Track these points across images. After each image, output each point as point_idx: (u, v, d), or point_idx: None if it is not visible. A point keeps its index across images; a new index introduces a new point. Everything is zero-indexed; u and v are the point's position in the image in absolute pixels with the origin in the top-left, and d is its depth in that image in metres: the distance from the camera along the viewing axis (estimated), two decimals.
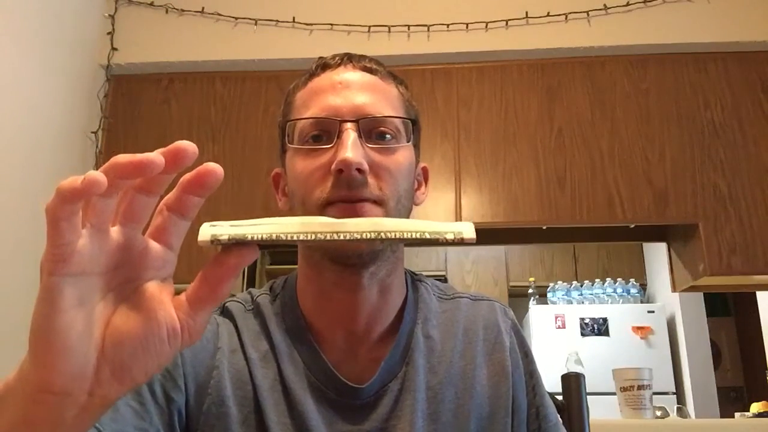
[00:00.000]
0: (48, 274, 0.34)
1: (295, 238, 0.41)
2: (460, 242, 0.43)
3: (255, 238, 0.40)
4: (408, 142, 0.72)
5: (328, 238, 0.42)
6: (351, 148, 0.65)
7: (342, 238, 0.42)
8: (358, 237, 0.42)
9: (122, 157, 0.35)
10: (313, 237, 0.41)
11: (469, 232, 0.43)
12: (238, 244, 0.40)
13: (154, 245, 0.39)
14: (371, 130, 0.69)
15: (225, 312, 0.75)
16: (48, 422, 0.37)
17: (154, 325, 0.38)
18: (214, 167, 0.38)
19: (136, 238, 0.38)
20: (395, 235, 0.42)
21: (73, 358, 0.36)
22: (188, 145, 0.38)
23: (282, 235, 0.41)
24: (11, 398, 0.38)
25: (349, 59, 0.73)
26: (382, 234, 0.42)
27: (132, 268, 0.38)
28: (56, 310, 0.35)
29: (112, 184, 0.34)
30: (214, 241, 0.40)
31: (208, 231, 0.40)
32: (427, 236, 0.43)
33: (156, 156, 0.35)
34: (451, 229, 0.43)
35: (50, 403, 0.37)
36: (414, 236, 0.42)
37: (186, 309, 0.39)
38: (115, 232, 0.37)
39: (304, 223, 0.42)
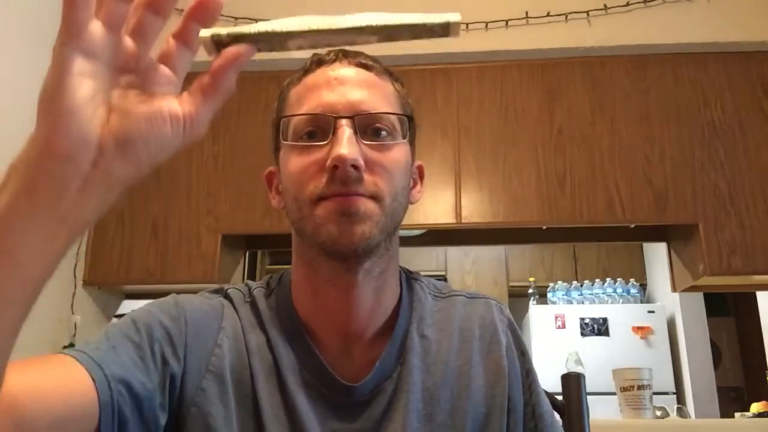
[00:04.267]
0: (60, 45, 0.37)
1: (293, 29, 0.43)
2: (447, 31, 0.45)
3: (252, 31, 0.43)
4: (404, 139, 0.71)
5: (324, 27, 0.43)
6: (346, 144, 0.64)
7: (337, 26, 0.44)
8: (352, 26, 0.44)
9: None
10: (308, 28, 0.43)
11: (454, 17, 0.45)
12: (237, 40, 0.43)
13: (161, 66, 0.42)
14: (367, 126, 0.68)
15: (227, 296, 0.75)
16: (50, 190, 0.38)
17: (155, 106, 0.40)
18: None
19: (144, 53, 0.41)
20: (388, 23, 0.44)
21: (75, 122, 0.37)
22: None
23: (280, 28, 0.43)
24: (16, 168, 0.39)
25: (344, 55, 0.73)
26: (375, 24, 0.44)
27: (139, 78, 0.41)
28: (64, 74, 0.37)
29: None
30: (214, 37, 0.43)
31: (208, 30, 0.43)
32: (420, 22, 0.45)
33: None
34: (439, 18, 0.45)
35: (53, 169, 0.38)
36: (406, 24, 0.44)
37: (188, 98, 0.42)
38: (125, 38, 0.40)
39: (302, 20, 0.44)
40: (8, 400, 0.46)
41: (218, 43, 0.43)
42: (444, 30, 0.45)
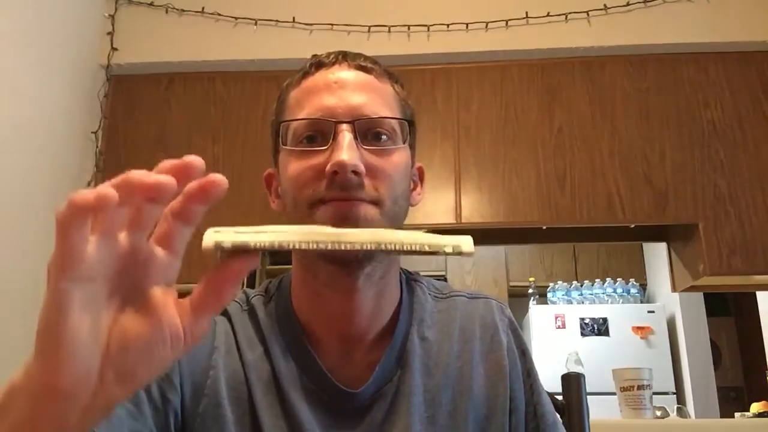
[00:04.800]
0: (56, 279, 0.35)
1: (296, 246, 0.42)
2: (458, 255, 0.44)
3: (257, 245, 0.41)
4: (404, 143, 0.71)
5: (329, 248, 0.42)
6: (347, 149, 0.64)
7: (342, 248, 0.43)
8: (359, 248, 0.43)
9: (136, 176, 0.36)
10: (315, 246, 0.42)
11: (467, 245, 0.44)
12: (240, 250, 0.41)
13: (159, 251, 0.40)
14: (367, 131, 0.68)
15: (222, 311, 0.74)
16: (52, 423, 0.37)
17: (157, 329, 0.39)
18: (220, 179, 0.39)
19: (142, 244, 0.39)
20: (395, 247, 0.43)
21: (79, 361, 0.36)
22: (196, 161, 0.38)
23: (284, 244, 0.42)
24: (16, 399, 0.38)
25: (344, 57, 0.72)
26: (382, 245, 0.43)
27: (137, 273, 0.39)
28: (63, 314, 0.35)
29: (123, 200, 0.35)
30: (218, 248, 0.41)
31: (211, 237, 0.41)
32: (427, 249, 0.44)
33: (168, 179, 0.36)
34: (449, 242, 0.44)
35: (55, 405, 0.37)
36: (413, 248, 0.43)
37: (189, 314, 0.40)
38: (122, 238, 0.38)
39: (306, 231, 0.43)
40: None
41: (219, 246, 0.41)
42: (456, 253, 0.44)
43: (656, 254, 4.05)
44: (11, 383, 0.39)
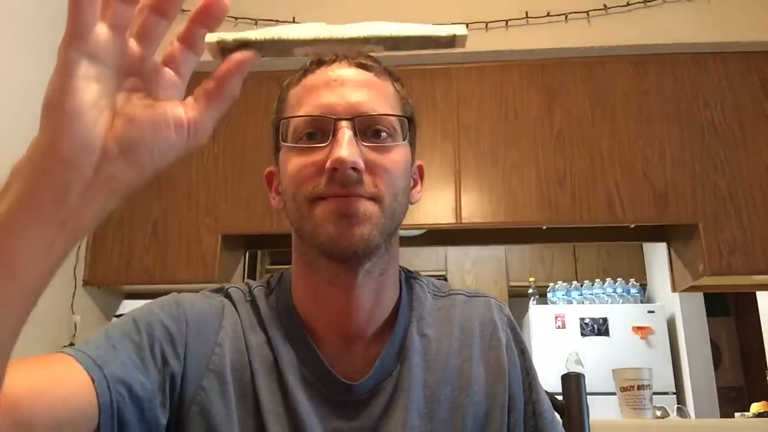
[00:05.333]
0: (65, 48, 0.37)
1: (298, 37, 0.44)
2: (452, 46, 0.46)
3: (258, 38, 0.43)
4: (404, 140, 0.71)
5: (330, 36, 0.44)
6: (346, 146, 0.64)
7: (343, 36, 0.44)
8: (357, 36, 0.44)
9: None
10: (314, 37, 0.44)
11: (460, 30, 0.46)
12: (242, 46, 0.43)
13: (165, 69, 0.42)
14: (367, 128, 0.68)
15: (227, 296, 0.75)
16: (52, 194, 0.38)
17: (160, 111, 0.40)
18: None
19: (149, 56, 0.41)
20: (392, 34, 0.45)
21: (82, 123, 0.37)
22: None
23: (284, 35, 0.43)
24: (19, 172, 0.39)
25: (344, 55, 0.72)
26: (379, 35, 0.45)
27: (143, 81, 0.41)
28: (69, 77, 0.37)
29: None
30: (221, 42, 0.43)
31: (214, 35, 0.43)
32: (425, 39, 0.46)
33: None
34: (444, 30, 0.45)
35: (56, 173, 0.37)
36: (411, 36, 0.45)
37: (192, 104, 0.42)
38: (130, 41, 0.40)
39: (309, 28, 0.44)
40: (8, 400, 0.46)
41: (224, 49, 0.43)
42: (449, 42, 0.45)
43: (656, 254, 4.04)
44: (14, 164, 0.39)
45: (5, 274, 0.38)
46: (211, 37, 0.43)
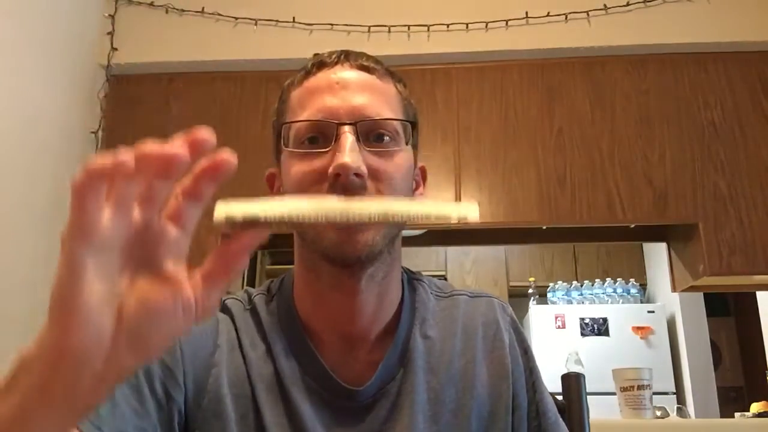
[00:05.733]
0: (70, 246, 0.36)
1: (306, 220, 0.43)
2: (465, 223, 0.45)
3: (268, 218, 0.42)
4: (407, 144, 0.71)
5: (339, 219, 0.43)
6: (349, 152, 0.64)
7: (352, 219, 0.44)
8: (367, 219, 0.44)
9: (150, 148, 0.37)
10: (324, 219, 0.43)
11: (473, 214, 0.45)
12: (250, 223, 0.42)
13: (170, 227, 0.41)
14: (369, 132, 0.67)
15: (224, 309, 0.74)
16: (63, 390, 0.38)
17: (168, 297, 0.39)
18: (229, 157, 0.41)
19: (154, 219, 0.40)
20: (403, 218, 0.44)
21: (91, 325, 0.37)
22: (207, 135, 0.40)
23: (294, 217, 0.43)
24: (28, 366, 0.38)
25: (346, 57, 0.71)
26: (390, 217, 0.44)
27: (149, 248, 0.40)
28: (77, 278, 0.36)
29: (138, 168, 0.36)
30: (228, 220, 0.42)
31: (222, 210, 0.42)
32: (434, 219, 0.44)
33: (181, 150, 0.37)
34: (455, 212, 0.45)
35: (67, 369, 0.37)
36: (420, 219, 0.44)
37: (200, 285, 0.41)
38: (134, 211, 0.39)
39: (315, 203, 0.44)
40: None
41: (230, 220, 0.42)
42: (461, 222, 0.45)
43: (656, 254, 4.05)
44: (22, 354, 0.39)
45: None
46: (218, 214, 0.42)
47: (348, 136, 0.65)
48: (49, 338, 0.37)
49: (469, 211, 0.45)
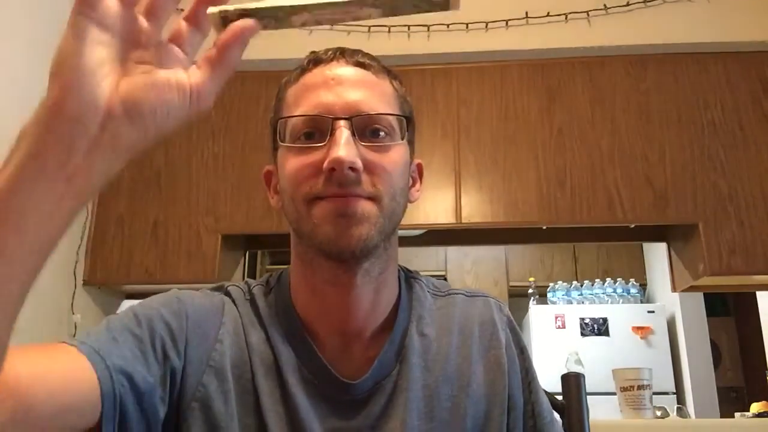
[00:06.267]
0: (75, 15, 0.39)
1: (296, 3, 0.45)
2: (446, 4, 0.45)
3: (258, 6, 0.44)
4: (402, 139, 0.71)
5: (325, 2, 0.45)
6: (344, 146, 0.64)
7: (338, 0, 0.45)
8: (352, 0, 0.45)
9: None
10: (312, 2, 0.45)
11: None
12: (243, 16, 0.44)
13: (172, 45, 0.44)
14: (365, 127, 0.68)
15: (227, 294, 0.75)
16: (57, 151, 0.39)
17: (163, 75, 0.42)
18: None
19: (156, 31, 0.43)
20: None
21: (87, 82, 0.39)
22: None
23: (282, 4, 0.45)
24: (27, 131, 0.40)
25: (341, 54, 0.72)
26: None
27: (150, 55, 0.42)
28: (79, 40, 0.39)
29: None
30: (222, 13, 0.44)
31: (216, 8, 0.45)
32: None
33: None
34: None
35: (62, 130, 0.39)
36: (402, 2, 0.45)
37: (195, 71, 0.44)
38: (138, 16, 0.42)
39: None
40: (11, 382, 0.46)
41: (225, 20, 0.45)
42: (444, 3, 0.45)
43: (656, 254, 4.04)
44: (23, 127, 0.40)
45: (13, 232, 0.38)
46: (212, 9, 0.44)
47: (343, 131, 0.65)
48: (46, 101, 0.39)
49: None
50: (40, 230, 0.39)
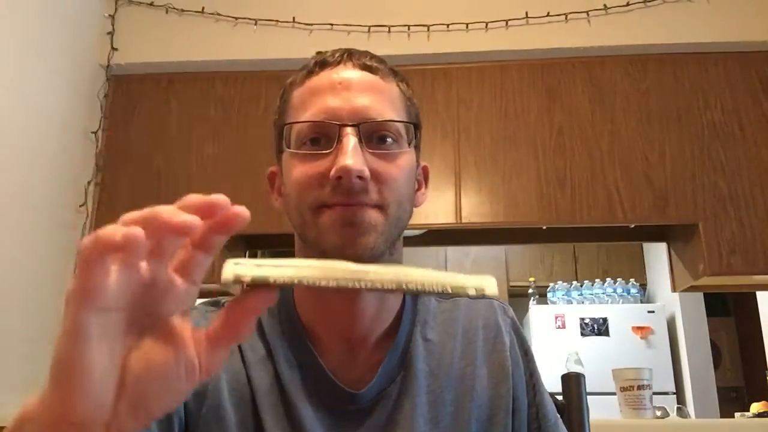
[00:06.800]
0: (76, 309, 0.35)
1: (317, 283, 0.42)
2: (482, 297, 0.43)
3: (277, 281, 0.41)
4: (409, 146, 0.70)
5: (350, 285, 0.42)
6: (351, 154, 0.63)
7: (363, 286, 0.42)
8: (380, 287, 0.42)
9: (164, 215, 0.36)
10: (335, 284, 0.42)
11: (491, 288, 0.43)
12: (259, 285, 0.40)
13: (178, 280, 0.40)
14: (372, 134, 0.67)
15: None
16: None
17: (172, 362, 0.39)
18: (242, 212, 0.39)
19: (161, 274, 0.39)
20: (417, 288, 0.42)
21: (94, 390, 0.36)
22: (223, 201, 0.38)
23: (304, 280, 0.41)
24: (29, 427, 0.38)
25: (349, 56, 0.70)
26: (404, 285, 0.42)
27: (155, 303, 0.39)
28: (80, 343, 0.35)
29: (148, 236, 0.35)
30: (237, 281, 0.40)
31: (231, 270, 0.40)
32: (449, 290, 0.43)
33: (194, 220, 0.36)
34: (472, 284, 0.43)
35: None
36: (436, 290, 0.42)
37: (205, 347, 0.40)
38: (142, 268, 0.37)
39: (326, 267, 0.42)
40: None
41: (238, 278, 0.41)
42: (479, 296, 0.43)
43: (656, 254, 4.04)
44: (23, 413, 0.38)
45: None
46: (227, 274, 0.40)
47: (350, 138, 0.64)
48: (50, 403, 0.37)
49: (486, 284, 0.43)
50: None
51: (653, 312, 3.82)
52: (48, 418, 0.37)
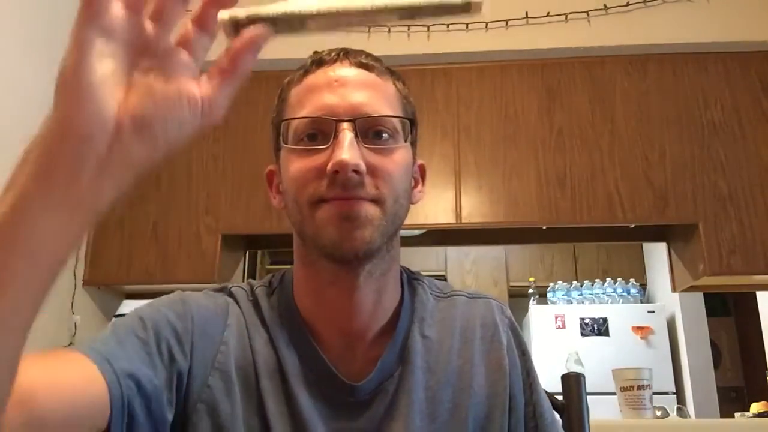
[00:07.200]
0: (78, 26, 0.37)
1: (311, 10, 0.43)
2: (467, 8, 0.44)
3: (271, 13, 0.43)
4: (405, 141, 0.71)
5: (344, 7, 0.43)
6: (347, 148, 0.64)
7: (357, 7, 0.43)
8: (372, 6, 0.43)
9: None
10: (327, 10, 0.43)
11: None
12: (255, 22, 0.43)
13: (180, 50, 0.42)
14: (368, 129, 0.68)
15: (231, 295, 0.75)
16: (66, 173, 0.37)
17: (173, 87, 0.40)
18: None
19: (164, 37, 0.41)
20: (411, 1, 0.44)
21: (95, 99, 0.37)
22: None
23: (297, 9, 0.43)
24: (31, 152, 0.38)
25: (345, 55, 0.72)
26: (397, 2, 0.44)
27: (158, 61, 0.41)
28: (82, 55, 0.37)
29: None
30: (233, 19, 0.43)
31: (227, 12, 0.43)
32: (441, 0, 0.44)
33: None
34: None
35: (70, 150, 0.37)
36: (429, 1, 0.44)
37: (206, 82, 0.42)
38: (145, 21, 0.40)
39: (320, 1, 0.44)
40: (25, 391, 0.46)
41: (236, 25, 0.43)
42: (465, 8, 0.44)
43: (656, 254, 4.04)
44: (26, 146, 0.39)
45: (24, 257, 0.37)
46: (223, 14, 0.43)
47: (347, 133, 0.65)
48: (53, 120, 0.37)
49: None
50: (47, 252, 0.38)
51: (653, 312, 3.82)
52: (51, 134, 0.38)
